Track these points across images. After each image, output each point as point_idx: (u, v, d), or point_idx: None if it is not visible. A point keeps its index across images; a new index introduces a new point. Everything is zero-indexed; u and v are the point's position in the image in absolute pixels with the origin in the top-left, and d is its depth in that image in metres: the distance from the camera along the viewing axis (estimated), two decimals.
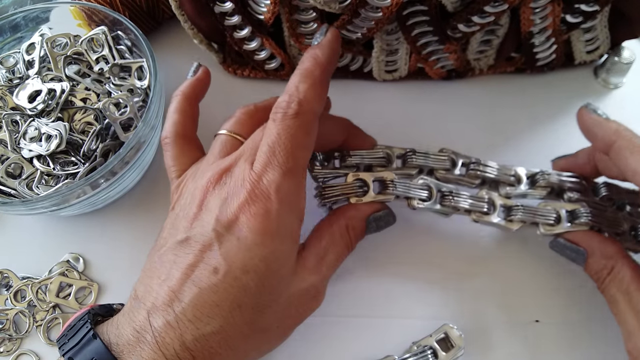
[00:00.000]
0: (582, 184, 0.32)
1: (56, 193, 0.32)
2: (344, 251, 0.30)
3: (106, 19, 0.39)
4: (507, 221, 0.32)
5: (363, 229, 0.31)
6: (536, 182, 0.33)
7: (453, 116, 0.41)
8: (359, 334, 0.32)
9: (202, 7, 0.37)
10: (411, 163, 0.33)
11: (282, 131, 0.26)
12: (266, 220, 0.25)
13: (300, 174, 0.27)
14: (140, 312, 0.25)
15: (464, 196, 0.32)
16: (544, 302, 0.33)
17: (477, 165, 0.33)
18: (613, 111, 0.40)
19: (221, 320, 0.25)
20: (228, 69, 0.43)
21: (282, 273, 0.26)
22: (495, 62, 0.41)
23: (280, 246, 0.26)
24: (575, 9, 0.37)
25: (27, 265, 0.36)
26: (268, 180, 0.26)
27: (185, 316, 0.24)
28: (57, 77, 0.37)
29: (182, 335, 0.24)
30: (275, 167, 0.26)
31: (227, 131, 0.30)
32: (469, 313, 0.33)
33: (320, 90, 0.28)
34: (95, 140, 0.35)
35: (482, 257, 0.35)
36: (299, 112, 0.27)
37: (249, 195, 0.26)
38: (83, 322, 0.26)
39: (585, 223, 0.31)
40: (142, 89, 0.37)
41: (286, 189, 0.26)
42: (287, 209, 0.26)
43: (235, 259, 0.25)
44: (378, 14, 0.35)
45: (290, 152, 0.26)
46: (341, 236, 0.30)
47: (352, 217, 0.30)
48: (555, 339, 0.32)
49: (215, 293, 0.25)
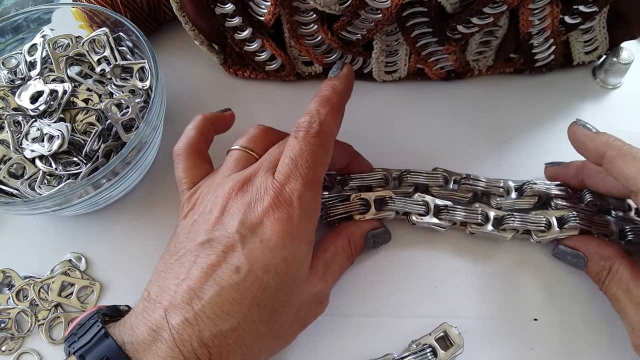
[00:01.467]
0: (568, 191, 0.35)
1: (58, 193, 0.32)
2: (346, 262, 0.33)
3: (108, 21, 0.39)
4: (501, 230, 0.34)
5: (363, 244, 0.34)
6: (524, 191, 0.35)
7: (452, 117, 0.41)
8: (359, 332, 0.33)
9: (203, 9, 0.38)
10: (407, 181, 0.36)
11: (304, 147, 0.29)
12: (289, 225, 0.27)
13: (318, 187, 0.30)
14: (156, 311, 0.25)
15: (459, 209, 0.34)
16: (543, 300, 0.33)
17: (467, 180, 0.35)
18: (611, 112, 0.41)
19: (240, 317, 0.26)
20: (229, 70, 0.43)
21: (299, 275, 0.28)
22: (494, 62, 0.41)
23: (299, 249, 0.28)
24: (573, 10, 0.37)
25: (29, 265, 0.36)
26: (290, 188, 0.28)
27: (205, 313, 0.25)
28: (59, 78, 0.38)
29: (200, 332, 0.25)
30: (298, 177, 0.28)
31: (241, 147, 0.32)
32: (468, 312, 0.33)
33: (337, 115, 0.31)
34: (97, 140, 0.35)
35: (482, 256, 0.35)
36: (320, 132, 0.29)
37: (272, 201, 0.28)
38: (93, 321, 0.26)
39: (574, 227, 0.33)
40: (144, 90, 0.37)
41: (306, 198, 0.28)
42: (306, 216, 0.28)
43: (257, 259, 0.26)
44: (378, 16, 0.35)
45: (311, 166, 0.29)
46: (343, 249, 0.33)
47: (353, 232, 0.33)
48: (554, 338, 0.32)
49: (235, 290, 0.26)
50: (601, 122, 0.33)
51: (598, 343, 0.32)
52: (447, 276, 0.34)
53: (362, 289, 0.34)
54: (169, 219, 0.37)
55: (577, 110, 0.41)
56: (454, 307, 0.33)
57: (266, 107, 0.42)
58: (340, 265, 0.32)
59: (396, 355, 0.31)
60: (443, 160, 0.38)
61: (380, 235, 0.34)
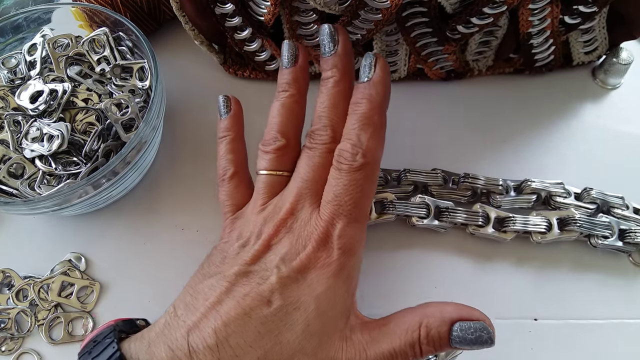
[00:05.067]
0: (566, 189, 0.35)
1: (58, 193, 0.32)
2: (407, 351, 0.25)
3: (107, 20, 0.39)
4: (501, 232, 0.34)
5: (444, 335, 0.25)
6: (522, 190, 0.35)
7: (452, 116, 0.41)
8: None
9: (203, 9, 0.38)
10: (406, 180, 0.36)
11: (348, 183, 0.27)
12: (329, 267, 0.26)
13: (364, 222, 0.28)
14: (179, 330, 0.25)
15: (460, 211, 0.34)
16: (543, 300, 0.33)
17: (466, 178, 0.35)
18: (611, 112, 0.41)
19: (261, 352, 0.25)
20: (229, 70, 0.43)
21: (330, 315, 0.26)
22: (494, 63, 0.41)
23: (335, 287, 0.26)
24: (573, 10, 0.37)
25: (29, 265, 0.36)
26: (334, 228, 0.27)
27: (228, 342, 0.24)
28: (59, 78, 0.38)
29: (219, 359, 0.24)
30: (342, 217, 0.27)
31: (267, 171, 0.30)
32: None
33: (380, 136, 0.28)
34: (97, 140, 0.35)
35: (482, 256, 0.35)
36: (365, 164, 0.27)
37: (316, 243, 0.27)
38: (109, 341, 0.25)
39: (575, 230, 0.33)
40: (144, 90, 0.37)
41: (350, 236, 0.27)
42: (349, 255, 0.27)
43: (290, 296, 0.26)
44: (377, 16, 0.35)
45: (358, 202, 0.27)
46: (408, 330, 0.25)
47: (430, 315, 0.26)
48: (554, 338, 0.32)
49: (262, 323, 0.25)
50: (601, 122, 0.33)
51: (598, 343, 0.32)
52: (447, 276, 0.34)
53: (362, 289, 0.34)
54: (169, 219, 0.37)
55: (577, 111, 0.41)
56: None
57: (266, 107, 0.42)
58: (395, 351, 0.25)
59: None
60: (443, 160, 0.38)
61: (474, 332, 0.25)
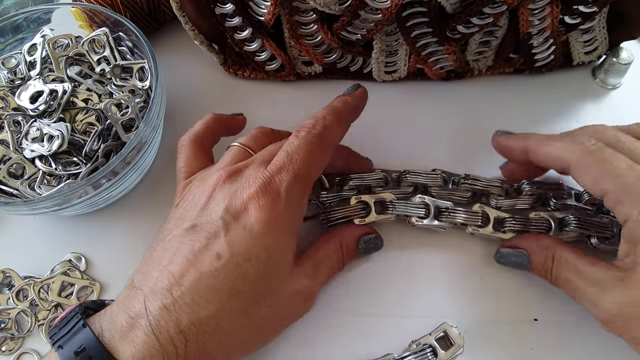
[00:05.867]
0: (564, 189, 0.35)
1: (58, 193, 0.32)
2: (336, 265, 0.32)
3: (107, 20, 0.39)
4: (501, 232, 0.34)
5: (354, 248, 0.33)
6: (522, 191, 0.35)
7: (452, 117, 0.41)
8: (359, 332, 0.33)
9: (203, 9, 0.38)
10: (406, 181, 0.36)
11: (303, 144, 0.29)
12: (273, 213, 0.27)
13: (308, 185, 0.30)
14: (137, 298, 0.26)
15: (460, 211, 0.34)
16: (543, 300, 0.33)
17: (466, 179, 0.35)
18: (611, 112, 0.41)
19: (218, 304, 0.25)
20: (229, 70, 0.43)
21: (281, 266, 0.28)
22: (494, 63, 0.41)
23: (282, 239, 0.28)
24: (573, 10, 0.37)
25: (29, 265, 0.36)
26: (280, 179, 0.28)
27: (183, 300, 0.25)
28: (59, 78, 0.38)
29: (177, 319, 0.25)
30: (290, 170, 0.28)
31: (240, 144, 0.32)
32: (468, 312, 0.33)
33: (342, 125, 0.32)
34: (97, 140, 0.35)
35: (482, 256, 0.35)
36: (322, 134, 0.30)
37: (259, 188, 0.28)
38: (74, 314, 0.26)
39: (574, 230, 0.33)
40: (144, 90, 0.37)
41: (294, 192, 0.28)
42: (292, 208, 0.28)
43: (239, 247, 0.26)
44: (377, 16, 0.35)
45: (306, 163, 0.29)
46: (335, 251, 0.32)
47: (345, 236, 0.33)
48: (554, 338, 0.32)
49: (215, 277, 0.26)
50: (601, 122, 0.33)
51: (598, 343, 0.32)
52: (448, 276, 0.34)
53: (362, 289, 0.34)
54: None
55: (577, 111, 0.41)
56: (454, 307, 0.33)
57: (266, 107, 0.42)
58: (330, 267, 0.32)
59: (396, 355, 0.31)
60: (442, 160, 0.38)
61: (372, 241, 0.34)
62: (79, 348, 0.24)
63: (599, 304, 0.28)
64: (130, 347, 0.24)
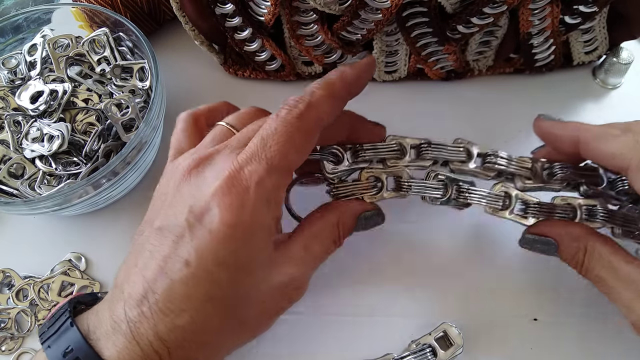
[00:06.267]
0: (600, 176, 0.31)
1: (58, 193, 0.32)
2: (331, 245, 0.29)
3: (108, 21, 0.39)
4: (523, 217, 0.31)
5: (352, 226, 0.30)
6: (554, 175, 0.31)
7: (452, 117, 0.41)
8: (358, 332, 0.33)
9: (203, 9, 0.38)
10: (426, 155, 0.31)
11: (280, 127, 0.25)
12: (240, 214, 0.24)
13: (285, 176, 0.26)
14: (119, 302, 0.25)
15: (480, 192, 0.31)
16: (543, 300, 0.33)
17: (493, 158, 0.31)
18: (611, 112, 0.41)
19: (193, 312, 0.24)
20: (229, 70, 0.43)
21: (254, 267, 0.26)
22: (494, 63, 0.41)
23: (252, 240, 0.25)
24: (574, 10, 0.37)
25: (29, 265, 0.36)
26: (250, 171, 0.25)
27: (158, 307, 0.24)
28: (59, 78, 0.38)
29: (155, 326, 0.24)
30: (262, 160, 0.25)
31: (225, 123, 0.30)
32: (468, 311, 0.33)
33: (334, 103, 0.27)
34: (97, 140, 0.35)
35: (481, 255, 0.35)
36: (304, 115, 0.26)
37: (224, 183, 0.24)
38: (63, 311, 0.26)
39: (600, 222, 0.30)
40: (144, 90, 0.37)
41: (266, 185, 0.25)
42: (264, 204, 0.25)
43: (206, 252, 0.24)
44: (378, 16, 0.35)
45: (282, 150, 0.25)
46: (330, 229, 0.29)
47: (343, 213, 0.29)
48: (554, 338, 0.32)
49: (186, 285, 0.24)
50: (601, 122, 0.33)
51: (598, 343, 0.32)
52: (448, 276, 0.34)
53: (362, 289, 0.34)
54: None
55: (577, 110, 0.41)
56: (454, 307, 0.33)
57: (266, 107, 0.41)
58: (325, 248, 0.29)
59: (396, 355, 0.31)
60: None
61: (373, 218, 0.30)
62: (67, 349, 0.24)
63: (635, 309, 0.26)
64: (113, 351, 0.24)
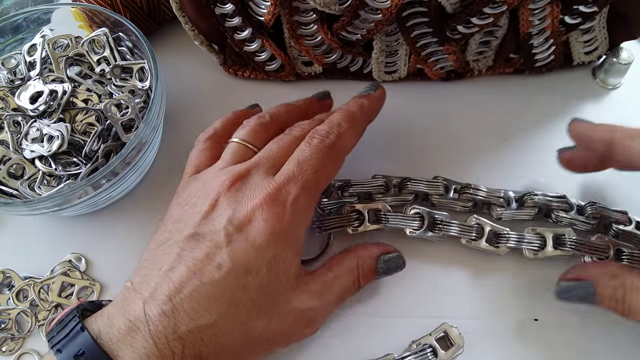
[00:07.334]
0: (569, 203, 0.34)
1: (58, 193, 0.32)
2: (351, 287, 0.31)
3: (107, 21, 0.39)
4: (495, 247, 0.33)
5: (373, 269, 0.31)
6: (524, 202, 0.35)
7: (452, 117, 0.41)
8: (359, 332, 0.33)
9: (202, 9, 0.38)
10: (407, 189, 0.35)
11: (314, 154, 0.29)
12: (277, 226, 0.27)
13: (315, 197, 0.29)
14: (136, 302, 0.26)
15: (454, 224, 0.34)
16: (543, 300, 0.33)
17: (468, 189, 0.35)
18: (611, 112, 0.41)
19: (217, 315, 0.25)
20: (229, 70, 0.43)
21: (282, 280, 0.27)
22: (494, 63, 0.41)
23: (284, 252, 0.27)
24: (574, 10, 0.37)
25: (29, 265, 0.36)
26: (288, 190, 0.28)
27: (183, 307, 0.25)
28: (59, 79, 0.38)
29: (176, 325, 0.25)
30: (299, 181, 0.28)
31: (240, 140, 0.32)
32: (468, 312, 0.33)
33: (356, 133, 0.31)
34: (97, 141, 0.35)
35: (481, 256, 0.35)
36: (335, 144, 0.29)
37: (265, 200, 0.27)
38: (72, 316, 0.26)
39: (569, 250, 0.32)
40: (144, 90, 0.37)
41: (301, 203, 0.28)
42: (298, 221, 0.28)
43: (240, 258, 0.26)
44: (377, 16, 0.35)
45: (316, 174, 0.28)
46: (349, 271, 0.31)
47: (362, 256, 0.31)
48: (554, 338, 0.32)
49: (215, 287, 0.26)
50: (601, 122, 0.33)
51: (598, 343, 0.32)
52: (448, 276, 0.34)
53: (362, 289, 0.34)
54: None
55: (577, 111, 0.41)
56: (454, 307, 0.33)
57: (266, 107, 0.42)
58: (343, 289, 0.30)
59: (396, 355, 0.31)
60: (442, 160, 0.38)
61: (393, 261, 0.32)
62: (78, 352, 0.24)
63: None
64: (129, 351, 0.24)
